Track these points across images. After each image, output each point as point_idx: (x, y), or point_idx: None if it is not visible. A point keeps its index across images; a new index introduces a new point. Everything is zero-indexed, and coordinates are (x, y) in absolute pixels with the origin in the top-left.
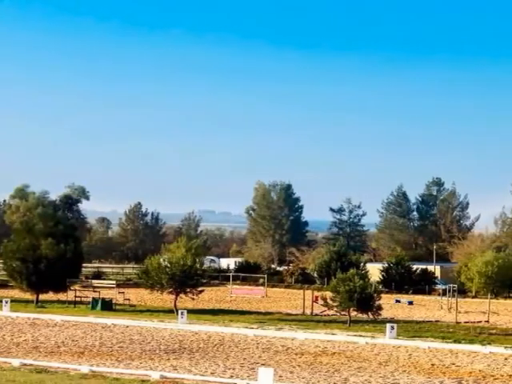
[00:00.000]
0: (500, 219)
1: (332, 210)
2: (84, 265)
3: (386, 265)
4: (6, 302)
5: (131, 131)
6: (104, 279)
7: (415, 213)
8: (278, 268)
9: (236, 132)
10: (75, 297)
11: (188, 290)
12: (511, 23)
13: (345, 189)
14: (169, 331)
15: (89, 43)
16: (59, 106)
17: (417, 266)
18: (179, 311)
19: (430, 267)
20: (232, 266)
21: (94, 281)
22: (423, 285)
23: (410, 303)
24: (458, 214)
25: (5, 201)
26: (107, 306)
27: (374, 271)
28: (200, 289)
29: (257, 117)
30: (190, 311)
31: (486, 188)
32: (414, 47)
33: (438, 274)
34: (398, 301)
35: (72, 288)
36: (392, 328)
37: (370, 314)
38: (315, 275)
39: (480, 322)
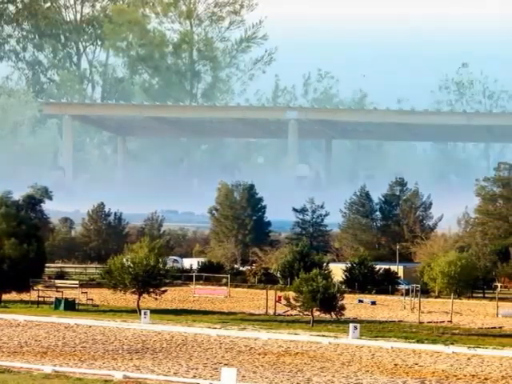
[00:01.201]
0: (463, 219)
1: (295, 210)
2: (47, 265)
3: (349, 265)
4: None
5: None
6: (67, 279)
7: (378, 213)
8: (241, 268)
9: None
10: (38, 297)
11: (151, 290)
12: None
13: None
14: (132, 331)
15: None
16: None
17: (380, 266)
18: (142, 311)
19: (393, 267)
20: (195, 266)
21: (56, 281)
22: (386, 285)
23: (373, 303)
24: (421, 214)
25: None
26: (70, 306)
27: (337, 271)
28: (163, 289)
29: None
30: (153, 311)
31: (449, 188)
32: None
33: (400, 274)
34: (360, 301)
35: (35, 288)
36: (355, 328)
37: (332, 314)
38: (278, 275)
39: (443, 322)
